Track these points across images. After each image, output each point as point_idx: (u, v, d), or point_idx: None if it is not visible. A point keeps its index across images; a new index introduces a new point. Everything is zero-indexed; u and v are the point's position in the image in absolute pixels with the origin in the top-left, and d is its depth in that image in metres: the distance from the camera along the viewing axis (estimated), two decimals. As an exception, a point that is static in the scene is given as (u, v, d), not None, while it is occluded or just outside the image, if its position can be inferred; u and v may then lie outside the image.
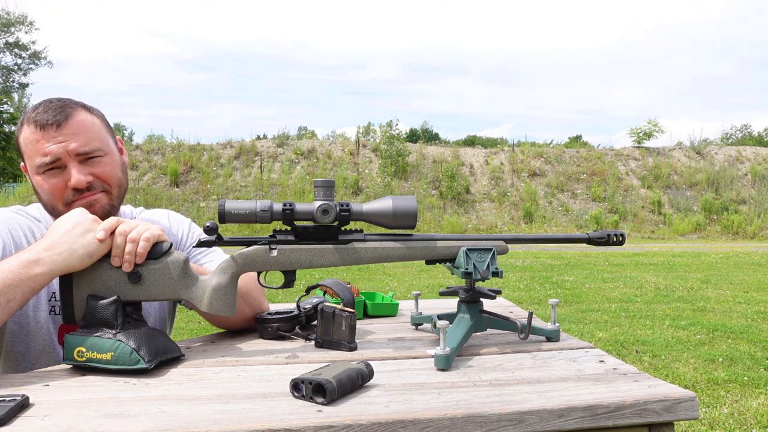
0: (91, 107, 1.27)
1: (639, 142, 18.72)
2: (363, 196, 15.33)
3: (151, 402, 0.84)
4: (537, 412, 0.82)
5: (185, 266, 1.06)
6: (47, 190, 1.18)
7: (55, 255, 0.99)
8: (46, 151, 1.16)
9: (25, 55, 31.01)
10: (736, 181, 16.82)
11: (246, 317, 1.27)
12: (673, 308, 5.64)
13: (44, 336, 1.22)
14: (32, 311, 1.22)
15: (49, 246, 1.00)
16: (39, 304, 1.22)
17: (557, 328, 1.21)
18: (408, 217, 1.10)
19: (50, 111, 1.17)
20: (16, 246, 1.20)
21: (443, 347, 1.00)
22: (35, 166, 1.18)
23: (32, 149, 1.17)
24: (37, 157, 1.17)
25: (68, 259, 0.99)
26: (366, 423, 0.77)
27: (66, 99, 1.23)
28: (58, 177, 1.18)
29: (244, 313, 1.25)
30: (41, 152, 1.16)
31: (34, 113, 1.18)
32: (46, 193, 1.19)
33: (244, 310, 1.24)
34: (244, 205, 1.06)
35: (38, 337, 1.22)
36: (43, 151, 1.16)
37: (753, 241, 14.28)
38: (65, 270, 0.99)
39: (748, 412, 2.97)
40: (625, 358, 3.92)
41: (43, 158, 1.16)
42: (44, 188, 1.19)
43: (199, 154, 16.59)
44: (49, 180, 1.18)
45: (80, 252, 1.00)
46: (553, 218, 15.24)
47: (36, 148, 1.16)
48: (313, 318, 1.26)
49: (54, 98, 1.22)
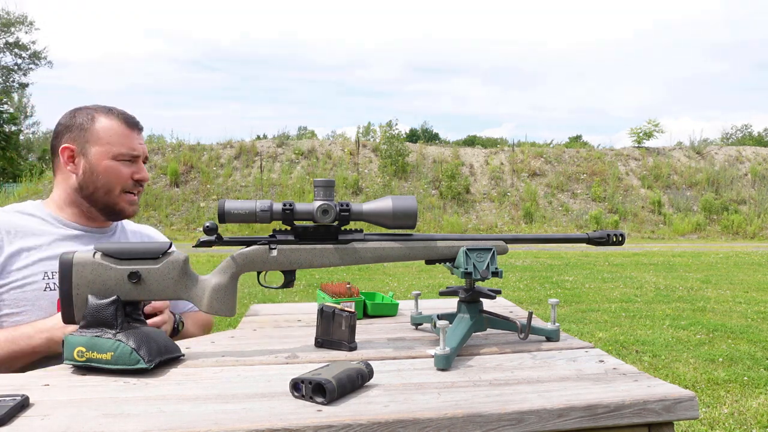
0: None
1: (639, 142, 18.72)
2: (363, 196, 15.34)
3: (151, 402, 0.84)
4: (537, 412, 0.82)
5: (185, 266, 1.06)
6: (116, 174, 1.37)
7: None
8: (135, 146, 1.39)
9: (25, 55, 31.01)
10: (736, 181, 16.82)
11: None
12: (673, 308, 5.64)
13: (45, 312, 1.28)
14: (29, 294, 1.28)
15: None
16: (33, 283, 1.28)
17: (557, 328, 1.21)
18: (408, 217, 1.10)
19: (132, 118, 1.42)
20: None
21: (443, 347, 1.00)
22: (116, 153, 1.36)
23: (118, 139, 1.37)
24: (123, 148, 1.37)
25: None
26: (366, 423, 0.77)
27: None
28: (129, 168, 1.39)
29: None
30: (129, 145, 1.38)
31: (116, 112, 1.39)
32: (114, 176, 1.37)
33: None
34: (244, 205, 1.06)
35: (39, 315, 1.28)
36: (132, 145, 1.39)
37: (753, 241, 14.28)
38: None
39: (748, 412, 2.98)
40: (625, 358, 3.92)
41: (131, 151, 1.38)
42: (114, 173, 1.37)
43: (199, 154, 16.59)
44: (122, 167, 1.38)
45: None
46: (553, 218, 15.24)
47: (123, 140, 1.37)
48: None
49: (116, 107, 1.43)
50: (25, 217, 1.35)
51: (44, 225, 1.35)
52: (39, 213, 1.37)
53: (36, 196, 14.51)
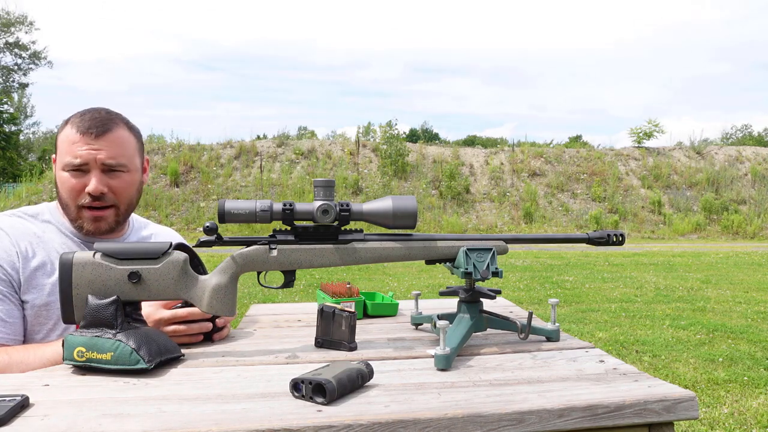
0: (132, 125, 1.37)
1: (639, 142, 18.72)
2: (363, 196, 15.33)
3: (151, 402, 0.84)
4: (537, 412, 0.82)
5: (185, 266, 1.06)
6: (67, 188, 1.29)
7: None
8: (77, 154, 1.27)
9: (25, 55, 31.03)
10: (736, 181, 16.82)
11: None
12: (673, 308, 5.64)
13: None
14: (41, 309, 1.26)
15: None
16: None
17: (557, 328, 1.21)
18: (408, 217, 1.10)
19: (94, 121, 1.29)
20: (23, 258, 1.25)
21: (443, 347, 1.00)
22: (63, 163, 1.28)
23: (67, 148, 1.28)
24: (68, 156, 1.27)
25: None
26: (366, 423, 0.77)
27: (114, 114, 1.34)
28: (79, 179, 1.28)
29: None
30: (73, 153, 1.27)
31: (80, 118, 1.29)
32: (66, 190, 1.29)
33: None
34: (244, 205, 1.06)
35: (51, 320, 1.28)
36: (75, 153, 1.27)
37: (753, 241, 14.28)
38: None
39: (748, 412, 2.97)
40: (625, 358, 3.92)
41: (73, 159, 1.27)
42: (65, 186, 1.29)
43: (199, 154, 16.59)
44: (71, 179, 1.28)
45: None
46: (553, 218, 15.24)
47: (70, 149, 1.27)
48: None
49: (104, 109, 1.33)
50: (42, 224, 1.33)
51: (60, 235, 1.32)
52: (54, 220, 1.34)
53: (36, 196, 14.51)
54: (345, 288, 1.49)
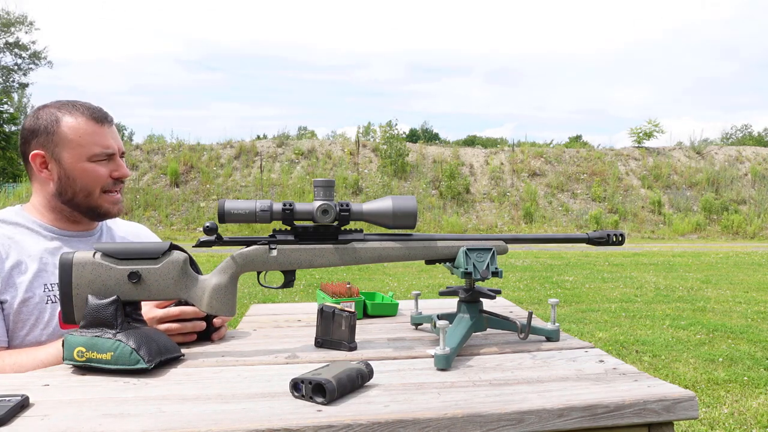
0: None
1: (639, 142, 18.72)
2: (363, 196, 15.33)
3: (151, 402, 0.84)
4: (536, 412, 0.82)
5: (185, 266, 1.06)
6: (94, 176, 1.29)
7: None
8: (107, 144, 1.30)
9: (25, 55, 31.02)
10: (736, 181, 16.82)
11: None
12: (673, 308, 5.64)
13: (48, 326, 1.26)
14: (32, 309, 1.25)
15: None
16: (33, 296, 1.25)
17: (557, 328, 1.21)
18: (408, 217, 1.10)
19: (99, 111, 1.30)
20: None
21: (443, 347, 1.00)
22: (89, 154, 1.28)
23: (90, 139, 1.28)
24: (95, 147, 1.28)
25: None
26: (366, 423, 0.77)
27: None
28: (106, 167, 1.31)
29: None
30: (103, 143, 1.29)
31: (83, 108, 1.29)
32: (92, 179, 1.29)
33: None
34: (244, 205, 1.06)
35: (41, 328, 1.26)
36: (105, 142, 1.29)
37: (753, 241, 14.28)
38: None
39: (748, 412, 2.98)
40: (625, 358, 3.92)
41: (105, 149, 1.29)
42: (91, 174, 1.29)
43: (199, 154, 16.59)
44: (99, 168, 1.29)
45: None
46: (553, 218, 15.24)
47: (95, 139, 1.28)
48: None
49: (79, 101, 1.32)
50: (10, 226, 1.30)
51: (31, 234, 1.30)
52: (23, 221, 1.31)
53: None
54: (345, 288, 1.49)
